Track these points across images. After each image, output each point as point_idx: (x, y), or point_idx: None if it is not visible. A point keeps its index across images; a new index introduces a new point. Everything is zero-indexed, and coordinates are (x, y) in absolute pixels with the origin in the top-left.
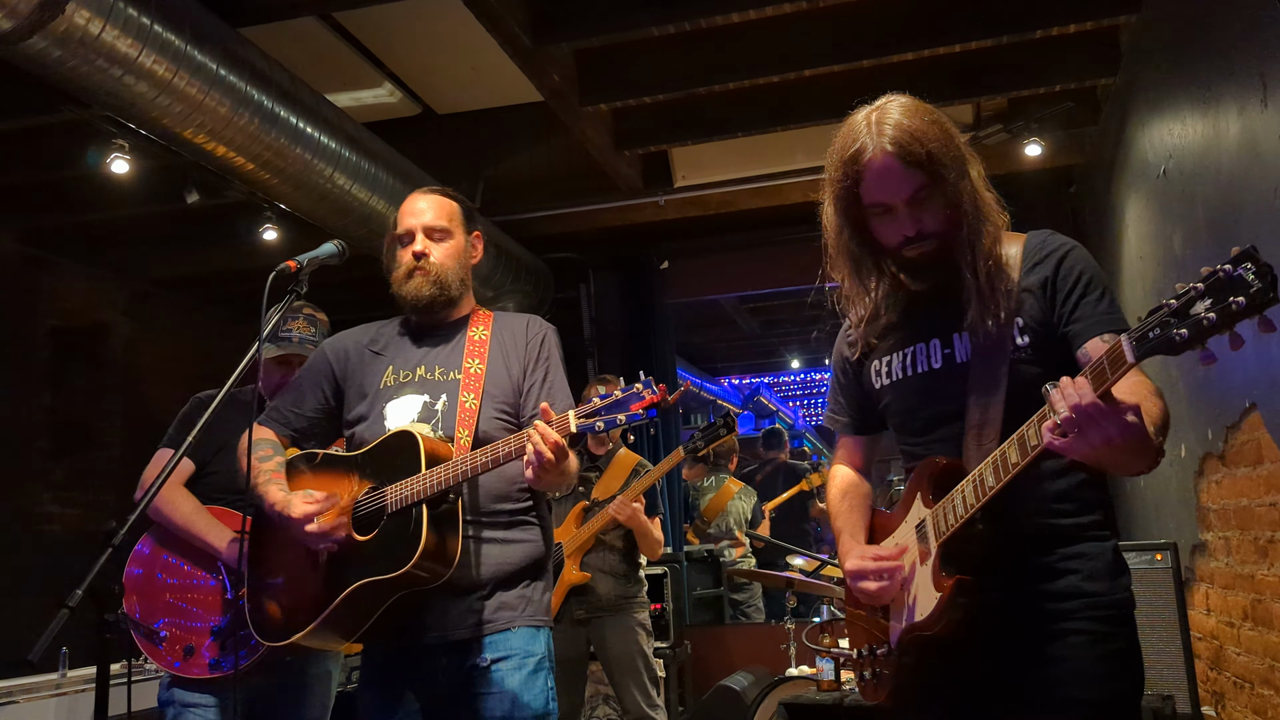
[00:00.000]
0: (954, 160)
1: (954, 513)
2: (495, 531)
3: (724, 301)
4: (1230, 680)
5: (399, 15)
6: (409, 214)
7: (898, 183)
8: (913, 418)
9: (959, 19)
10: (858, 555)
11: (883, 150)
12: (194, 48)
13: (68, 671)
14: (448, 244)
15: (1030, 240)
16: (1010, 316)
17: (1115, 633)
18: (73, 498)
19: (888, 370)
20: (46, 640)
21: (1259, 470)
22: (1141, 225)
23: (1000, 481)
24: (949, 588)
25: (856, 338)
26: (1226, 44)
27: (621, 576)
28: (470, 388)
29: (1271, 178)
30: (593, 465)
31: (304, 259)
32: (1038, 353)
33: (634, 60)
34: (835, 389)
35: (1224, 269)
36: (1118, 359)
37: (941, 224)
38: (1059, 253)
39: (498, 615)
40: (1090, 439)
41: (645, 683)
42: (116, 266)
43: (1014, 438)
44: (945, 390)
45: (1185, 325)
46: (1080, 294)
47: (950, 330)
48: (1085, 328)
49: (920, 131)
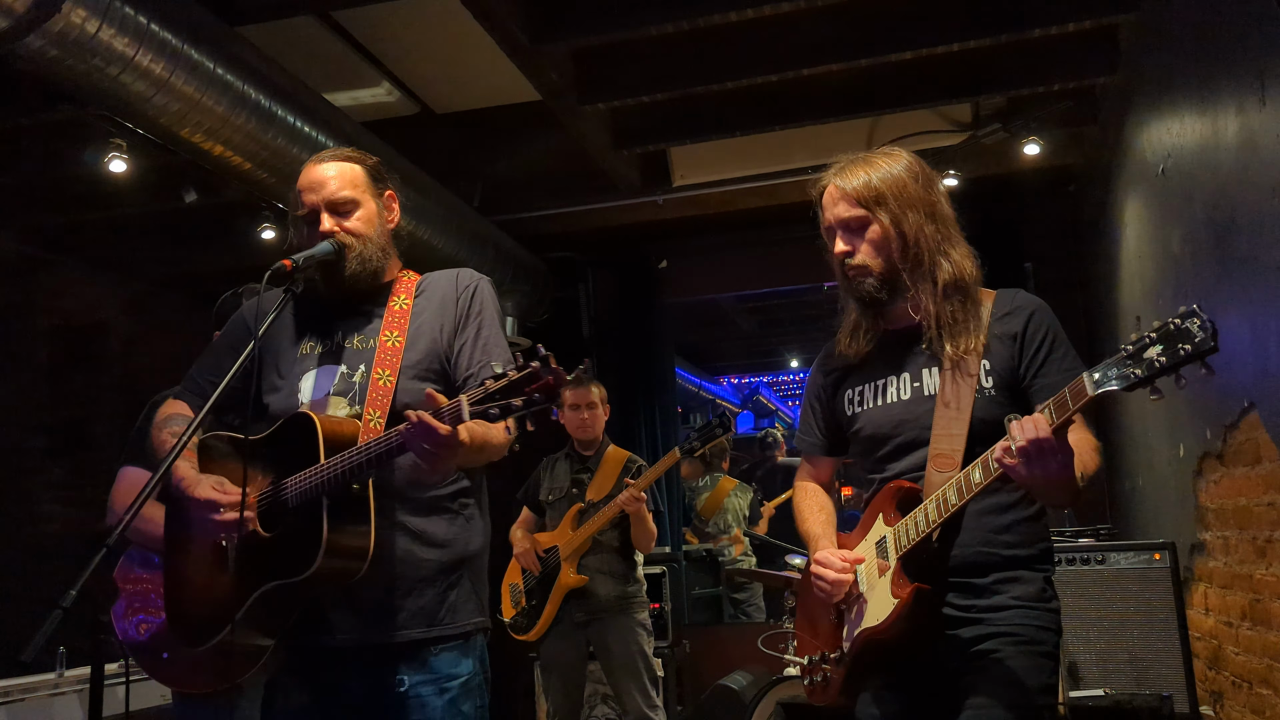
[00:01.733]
0: (906, 204)
1: (916, 528)
2: (414, 520)
3: (723, 301)
4: (1229, 680)
5: (397, 14)
6: (308, 189)
7: (836, 207)
8: (879, 444)
9: (958, 18)
10: (828, 551)
11: (831, 181)
12: (191, 47)
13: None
14: (358, 215)
15: (1000, 296)
16: (977, 359)
17: (1042, 639)
18: (71, 497)
19: (859, 399)
20: (40, 640)
21: (1257, 470)
22: (1140, 224)
23: (962, 499)
24: (908, 594)
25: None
26: (1225, 43)
27: (620, 576)
28: (385, 363)
29: (1270, 176)
30: (584, 467)
31: (300, 258)
32: (1000, 394)
33: (632, 59)
34: (808, 413)
35: (1173, 321)
36: (1079, 393)
37: (878, 257)
38: (1026, 309)
39: (414, 620)
40: (1033, 469)
41: (645, 683)
42: (114, 266)
43: (978, 461)
44: (912, 420)
45: (1139, 366)
46: (1047, 352)
47: (921, 366)
48: (1050, 384)
49: (871, 169)
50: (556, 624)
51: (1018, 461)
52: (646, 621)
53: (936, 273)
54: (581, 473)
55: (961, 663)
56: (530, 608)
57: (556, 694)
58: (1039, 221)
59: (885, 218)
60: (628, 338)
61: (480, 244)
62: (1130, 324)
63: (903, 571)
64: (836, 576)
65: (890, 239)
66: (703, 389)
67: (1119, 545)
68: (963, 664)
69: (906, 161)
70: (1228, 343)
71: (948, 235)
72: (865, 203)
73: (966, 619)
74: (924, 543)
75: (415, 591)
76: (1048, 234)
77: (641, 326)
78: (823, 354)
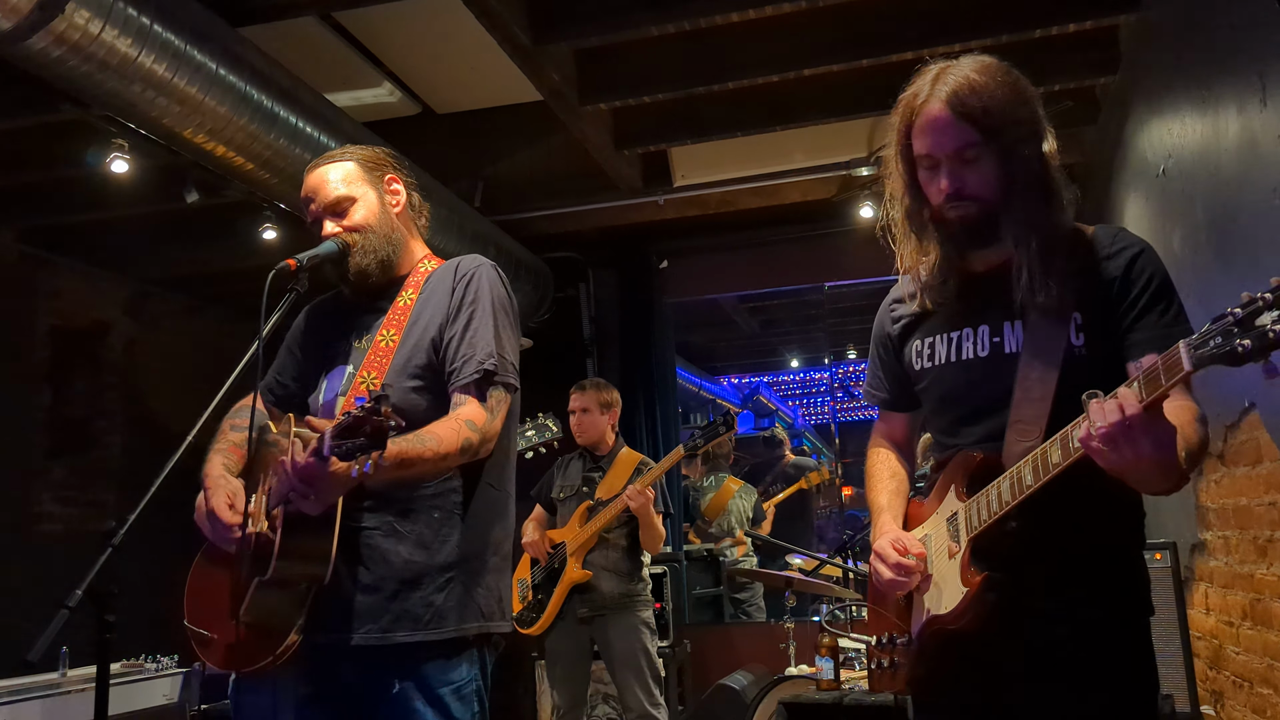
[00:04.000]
0: (1017, 124)
1: (988, 509)
2: (396, 521)
3: (723, 301)
4: (1229, 679)
5: (398, 15)
6: (308, 197)
7: (945, 135)
8: (953, 406)
9: (958, 18)
10: (889, 539)
11: (937, 99)
12: (193, 47)
13: (68, 671)
14: (356, 210)
15: (1099, 233)
16: (1069, 310)
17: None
18: (72, 497)
19: (930, 353)
20: (46, 640)
21: (1258, 470)
22: (1141, 224)
23: (1039, 481)
24: (977, 584)
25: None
26: (1226, 43)
27: (625, 574)
28: (373, 364)
29: (1271, 177)
30: (595, 465)
31: (304, 257)
32: (1092, 353)
33: (633, 60)
34: (875, 363)
35: None
36: (1173, 366)
37: (988, 189)
38: (1130, 251)
39: (398, 624)
40: (1123, 452)
41: (648, 681)
42: (116, 266)
43: (1057, 437)
44: (990, 381)
45: (1249, 336)
46: (1148, 303)
47: (1002, 318)
48: (1145, 339)
49: (982, 87)
50: (560, 619)
51: (1102, 446)
52: (650, 620)
53: (1042, 216)
54: (593, 471)
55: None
56: (536, 602)
57: (560, 687)
58: None
59: (999, 147)
60: (628, 337)
61: (481, 244)
62: None
63: (975, 556)
64: (891, 577)
65: (998, 172)
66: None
67: None
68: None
69: (1016, 77)
70: None
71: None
72: (983, 128)
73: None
74: (998, 525)
75: (400, 594)
76: None
77: (642, 326)
78: (891, 296)
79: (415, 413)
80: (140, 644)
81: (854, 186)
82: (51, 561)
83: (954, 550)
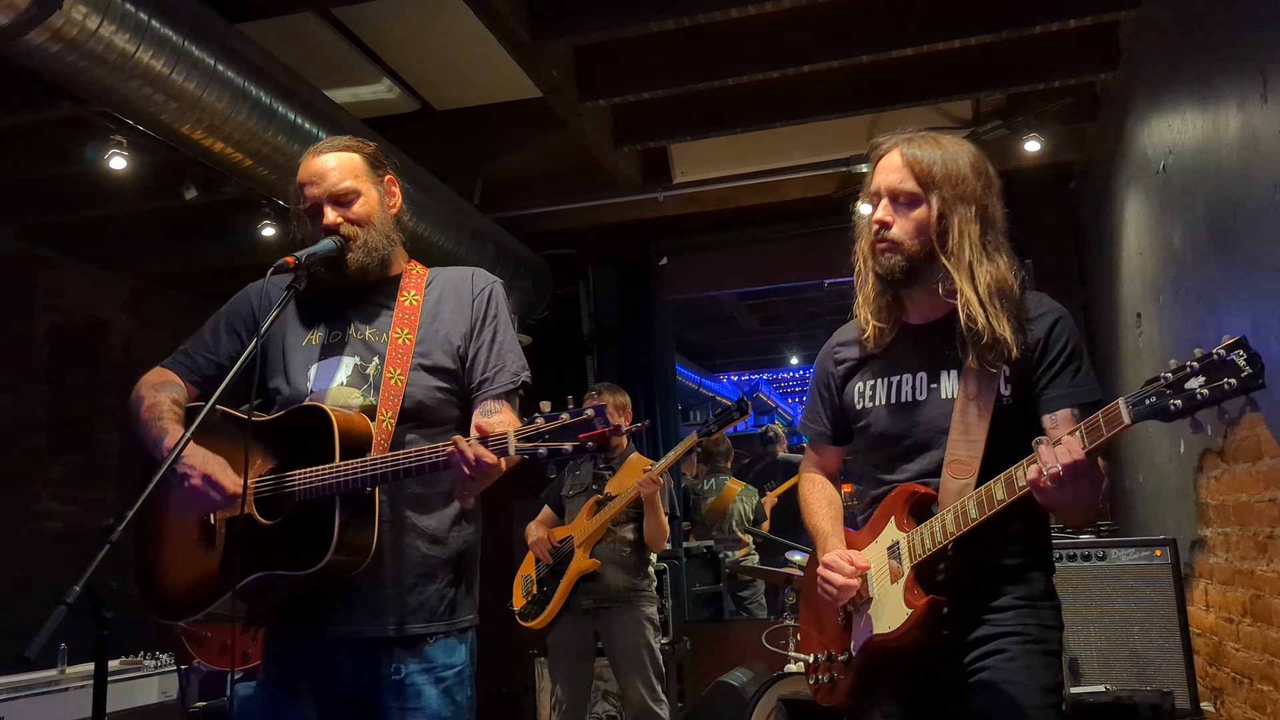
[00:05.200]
0: (959, 186)
1: (932, 539)
2: (418, 519)
3: (723, 298)
4: (1229, 676)
5: (397, 11)
6: (309, 182)
7: (889, 174)
8: (890, 444)
9: (958, 15)
10: (839, 553)
11: (895, 147)
12: (192, 43)
13: (66, 668)
14: (360, 204)
15: (1027, 298)
16: (999, 365)
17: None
18: (72, 494)
19: (871, 394)
20: (44, 637)
21: (1258, 466)
22: (1141, 221)
23: (983, 515)
24: (923, 606)
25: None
26: (1226, 39)
27: (631, 568)
28: (396, 361)
29: (1271, 173)
30: (606, 466)
31: (302, 255)
32: (1017, 403)
33: (633, 56)
34: (815, 400)
35: (1218, 353)
36: (1114, 419)
37: (915, 239)
38: (1050, 317)
39: (415, 616)
40: (1065, 491)
41: (650, 676)
42: (115, 263)
43: (1002, 477)
44: (927, 423)
45: (1180, 397)
46: (1063, 364)
47: (939, 367)
48: (1059, 396)
49: (939, 149)
50: (565, 611)
51: (1050, 485)
52: (654, 616)
53: (977, 272)
54: (603, 469)
55: (968, 663)
56: (541, 595)
57: (564, 681)
58: (1039, 218)
59: (936, 202)
60: (628, 334)
61: (480, 241)
62: (1131, 320)
63: (916, 580)
64: (845, 582)
65: (932, 225)
66: (703, 386)
67: (1120, 542)
68: (969, 664)
69: (975, 156)
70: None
71: (994, 240)
72: (922, 180)
73: (971, 620)
74: (940, 553)
75: (417, 587)
76: (1048, 231)
77: (642, 323)
78: (834, 340)
79: (440, 413)
80: (138, 641)
81: (854, 183)
82: (50, 558)
83: (897, 574)
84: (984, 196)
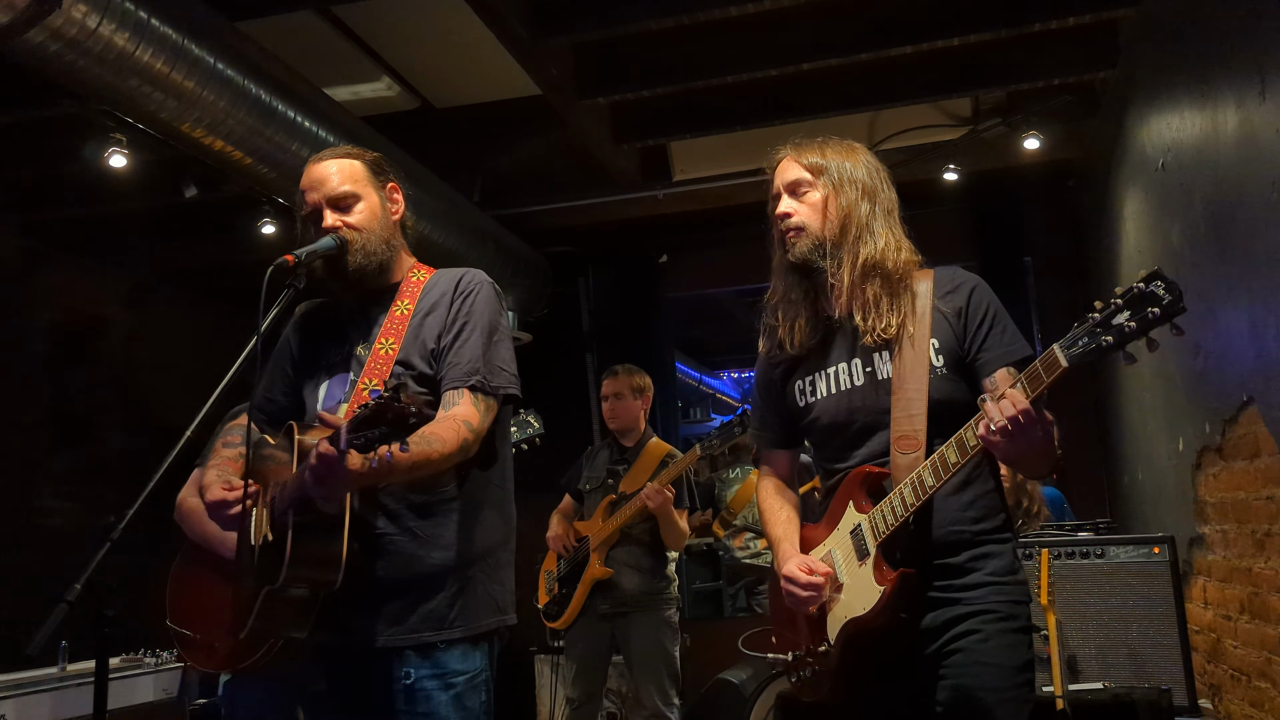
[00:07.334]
0: (848, 179)
1: (893, 513)
2: (416, 522)
3: (722, 295)
4: (1227, 673)
5: (397, 9)
6: (310, 188)
7: (784, 172)
8: (838, 432)
9: (958, 12)
10: (795, 563)
11: (785, 153)
12: (191, 42)
13: (67, 665)
14: (359, 209)
15: (940, 274)
16: (925, 338)
17: (1016, 613)
18: (72, 492)
19: (811, 389)
20: (45, 635)
21: (1256, 464)
22: (1140, 219)
23: (940, 481)
24: (894, 580)
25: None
26: (1225, 37)
27: (648, 572)
28: (374, 372)
29: (1269, 170)
30: (621, 458)
31: (302, 253)
32: (952, 371)
33: (632, 54)
34: (760, 408)
35: (1137, 286)
36: (1052, 365)
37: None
38: (968, 286)
39: (423, 625)
40: (1017, 442)
41: (664, 681)
42: (115, 261)
43: (953, 440)
44: (869, 405)
45: (1110, 333)
46: (989, 327)
47: (870, 350)
48: (993, 358)
49: (826, 146)
50: (583, 614)
51: (1000, 439)
52: (673, 619)
53: (858, 248)
54: (619, 463)
55: (943, 643)
56: (561, 595)
57: (576, 683)
58: (1039, 216)
59: (826, 184)
60: (628, 332)
61: (480, 239)
62: None
63: (884, 558)
64: (806, 595)
65: (830, 208)
66: (703, 383)
67: (1118, 539)
68: (944, 645)
69: (863, 154)
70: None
71: (883, 220)
72: (811, 169)
73: (944, 599)
74: (902, 527)
75: (423, 595)
76: (1047, 228)
77: (641, 321)
78: (766, 347)
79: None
80: (139, 639)
81: None
82: (52, 556)
83: (863, 555)
84: (871, 179)
